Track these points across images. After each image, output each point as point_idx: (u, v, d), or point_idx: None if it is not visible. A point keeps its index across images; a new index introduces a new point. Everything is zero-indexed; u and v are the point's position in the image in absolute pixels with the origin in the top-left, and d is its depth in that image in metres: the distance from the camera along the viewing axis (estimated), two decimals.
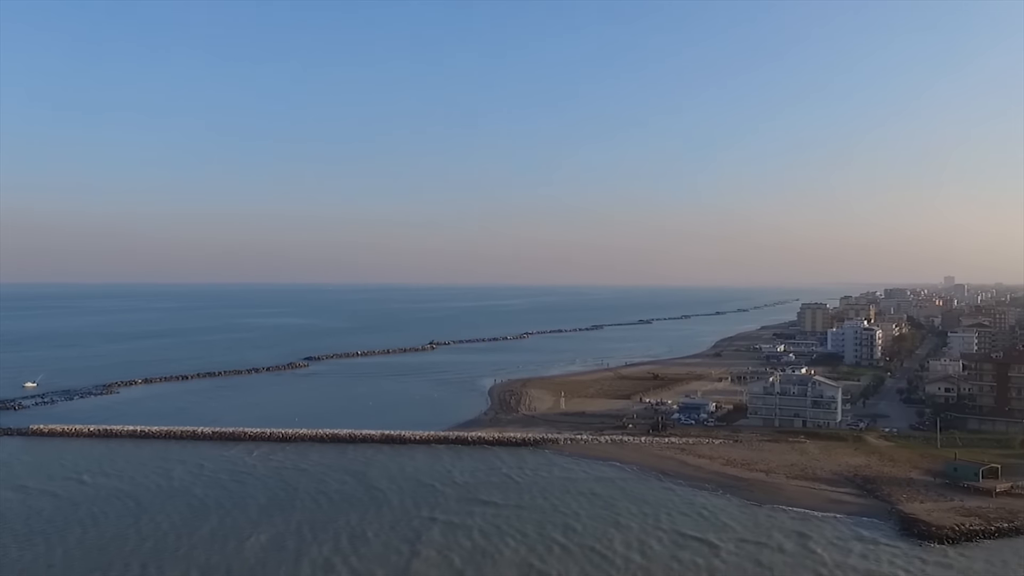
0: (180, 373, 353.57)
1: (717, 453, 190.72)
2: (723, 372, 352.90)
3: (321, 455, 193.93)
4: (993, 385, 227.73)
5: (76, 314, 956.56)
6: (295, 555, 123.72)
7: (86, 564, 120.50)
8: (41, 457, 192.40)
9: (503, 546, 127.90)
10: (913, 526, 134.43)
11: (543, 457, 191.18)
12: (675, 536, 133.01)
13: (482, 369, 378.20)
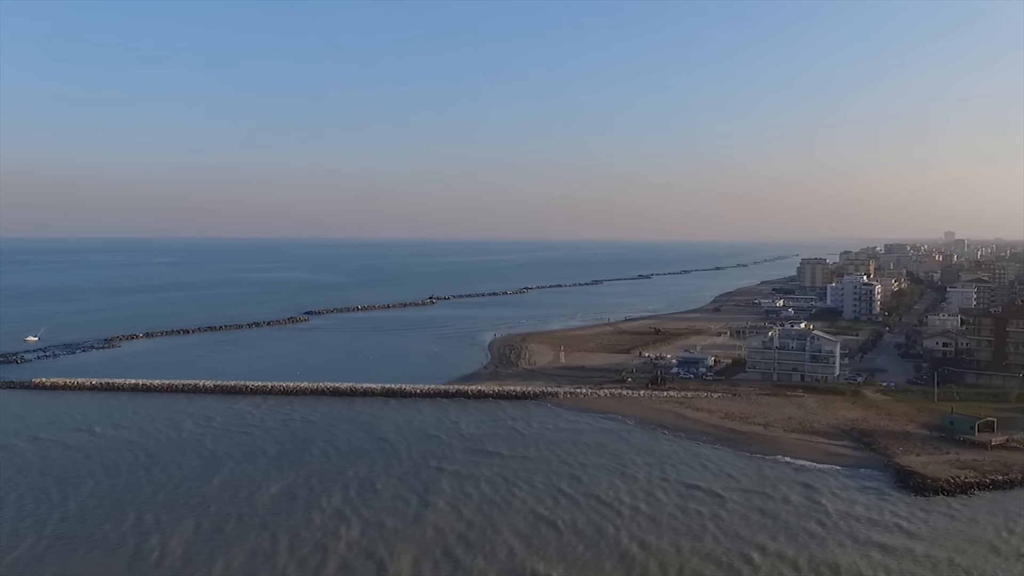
0: (181, 327, 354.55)
1: (715, 407, 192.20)
2: (722, 327, 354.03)
3: (329, 408, 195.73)
4: (991, 340, 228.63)
5: (77, 268, 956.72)
6: (306, 505, 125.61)
7: (100, 514, 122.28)
8: (53, 409, 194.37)
9: (511, 497, 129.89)
10: (908, 478, 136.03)
11: (546, 410, 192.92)
12: (680, 487, 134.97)
13: (482, 324, 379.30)
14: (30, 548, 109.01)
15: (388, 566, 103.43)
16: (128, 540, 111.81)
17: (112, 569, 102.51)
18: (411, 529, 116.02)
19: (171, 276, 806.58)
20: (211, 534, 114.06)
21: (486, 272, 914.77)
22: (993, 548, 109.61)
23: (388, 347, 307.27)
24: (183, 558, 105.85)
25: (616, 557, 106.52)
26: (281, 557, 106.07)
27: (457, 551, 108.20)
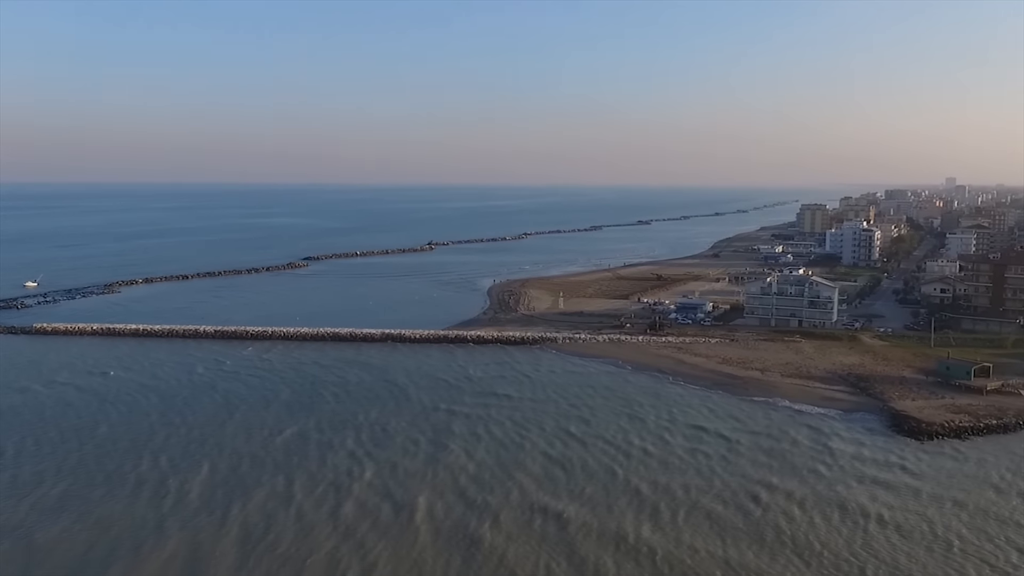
0: (181, 273, 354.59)
1: (713, 352, 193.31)
2: (721, 273, 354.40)
3: (339, 353, 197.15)
4: (989, 286, 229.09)
5: (75, 214, 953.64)
6: (321, 448, 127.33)
7: (117, 457, 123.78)
8: (64, 354, 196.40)
9: (521, 439, 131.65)
10: (904, 422, 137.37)
11: (551, 355, 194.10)
12: (687, 429, 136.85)
13: (481, 269, 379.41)
14: (49, 490, 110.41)
15: (404, 506, 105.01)
16: (147, 482, 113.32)
17: (132, 510, 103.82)
18: (425, 470, 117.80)
19: (170, 221, 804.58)
20: (228, 476, 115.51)
21: (485, 218, 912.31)
22: (994, 487, 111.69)
23: (387, 293, 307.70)
24: (201, 499, 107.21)
25: (627, 496, 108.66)
26: (298, 498, 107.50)
27: (471, 491, 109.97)
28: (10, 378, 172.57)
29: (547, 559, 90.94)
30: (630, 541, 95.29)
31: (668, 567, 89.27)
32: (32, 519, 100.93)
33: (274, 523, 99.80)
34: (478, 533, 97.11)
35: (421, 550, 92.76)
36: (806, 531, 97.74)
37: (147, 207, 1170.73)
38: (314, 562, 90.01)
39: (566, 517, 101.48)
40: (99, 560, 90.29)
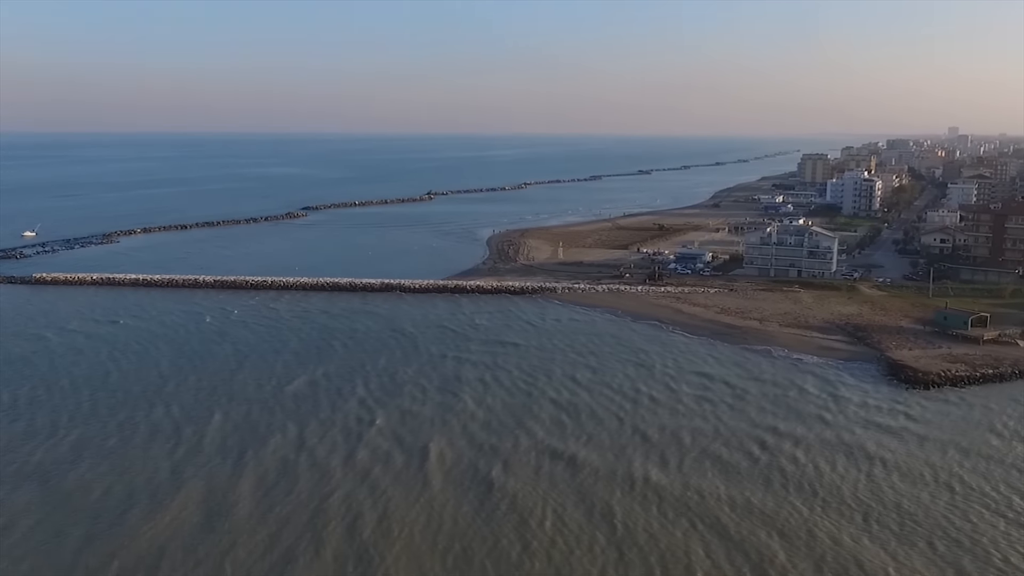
0: (179, 223, 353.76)
1: (712, 302, 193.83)
2: (721, 223, 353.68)
3: (346, 303, 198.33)
4: (989, 236, 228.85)
5: (73, 164, 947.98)
6: (334, 396, 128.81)
7: (131, 405, 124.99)
8: (73, 302, 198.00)
9: (531, 387, 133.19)
10: (900, 372, 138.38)
11: (556, 305, 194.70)
12: (689, 376, 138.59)
13: (480, 219, 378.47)
14: (64, 437, 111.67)
15: (416, 451, 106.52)
16: (161, 430, 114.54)
17: (148, 457, 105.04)
18: (435, 417, 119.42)
19: (168, 171, 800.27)
20: (241, 424, 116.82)
21: (484, 167, 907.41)
22: (994, 431, 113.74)
23: (387, 243, 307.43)
24: (216, 446, 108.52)
25: (635, 441, 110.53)
26: (311, 445, 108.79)
27: (481, 437, 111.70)
28: (21, 326, 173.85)
29: (557, 501, 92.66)
30: (638, 484, 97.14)
31: (675, 508, 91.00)
32: (49, 466, 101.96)
33: (289, 469, 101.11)
34: (489, 477, 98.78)
35: (434, 494, 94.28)
36: (810, 474, 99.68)
37: (144, 157, 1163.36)
38: (329, 506, 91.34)
39: (575, 461, 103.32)
40: (117, 506, 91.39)
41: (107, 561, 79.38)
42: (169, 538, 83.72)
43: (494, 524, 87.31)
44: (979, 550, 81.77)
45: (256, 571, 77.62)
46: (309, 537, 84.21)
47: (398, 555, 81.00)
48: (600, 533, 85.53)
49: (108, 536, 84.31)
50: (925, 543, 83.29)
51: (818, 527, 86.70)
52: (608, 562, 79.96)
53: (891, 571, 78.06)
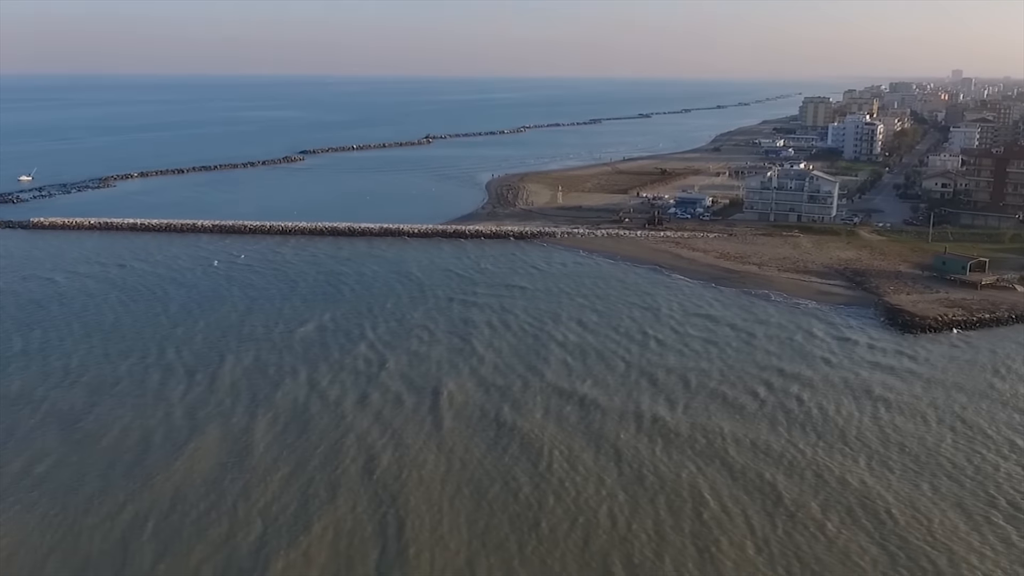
0: (176, 166, 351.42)
1: (711, 247, 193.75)
2: (721, 167, 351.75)
3: (352, 247, 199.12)
4: (990, 180, 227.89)
5: (69, 107, 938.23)
6: (346, 339, 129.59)
7: (144, 348, 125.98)
8: (81, 246, 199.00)
9: (539, 331, 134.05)
10: (897, 316, 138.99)
11: (563, 251, 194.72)
12: (692, 319, 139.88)
13: (479, 163, 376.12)
14: (78, 379, 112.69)
15: (428, 393, 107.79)
16: (176, 372, 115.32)
17: (164, 400, 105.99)
18: (446, 359, 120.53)
19: (164, 115, 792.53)
20: (254, 367, 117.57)
21: (483, 111, 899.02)
22: (994, 373, 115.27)
23: (385, 187, 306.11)
24: (231, 389, 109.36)
25: (642, 381, 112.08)
26: (325, 387, 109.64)
27: (492, 378, 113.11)
28: (30, 270, 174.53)
29: (567, 438, 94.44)
30: (646, 423, 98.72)
31: (683, 447, 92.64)
32: (64, 410, 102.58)
33: (302, 411, 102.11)
34: (500, 417, 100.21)
35: (446, 433, 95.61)
36: (815, 414, 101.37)
37: (141, 99, 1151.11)
38: (343, 446, 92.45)
39: (584, 401, 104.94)
40: (132, 449, 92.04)
41: (123, 505, 79.98)
42: (185, 481, 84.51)
43: (505, 463, 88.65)
44: (981, 491, 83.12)
45: (274, 513, 78.55)
46: (325, 478, 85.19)
47: (413, 493, 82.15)
48: (609, 470, 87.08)
49: (124, 480, 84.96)
50: (928, 481, 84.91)
51: (824, 465, 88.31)
52: (617, 498, 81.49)
53: (895, 507, 79.63)
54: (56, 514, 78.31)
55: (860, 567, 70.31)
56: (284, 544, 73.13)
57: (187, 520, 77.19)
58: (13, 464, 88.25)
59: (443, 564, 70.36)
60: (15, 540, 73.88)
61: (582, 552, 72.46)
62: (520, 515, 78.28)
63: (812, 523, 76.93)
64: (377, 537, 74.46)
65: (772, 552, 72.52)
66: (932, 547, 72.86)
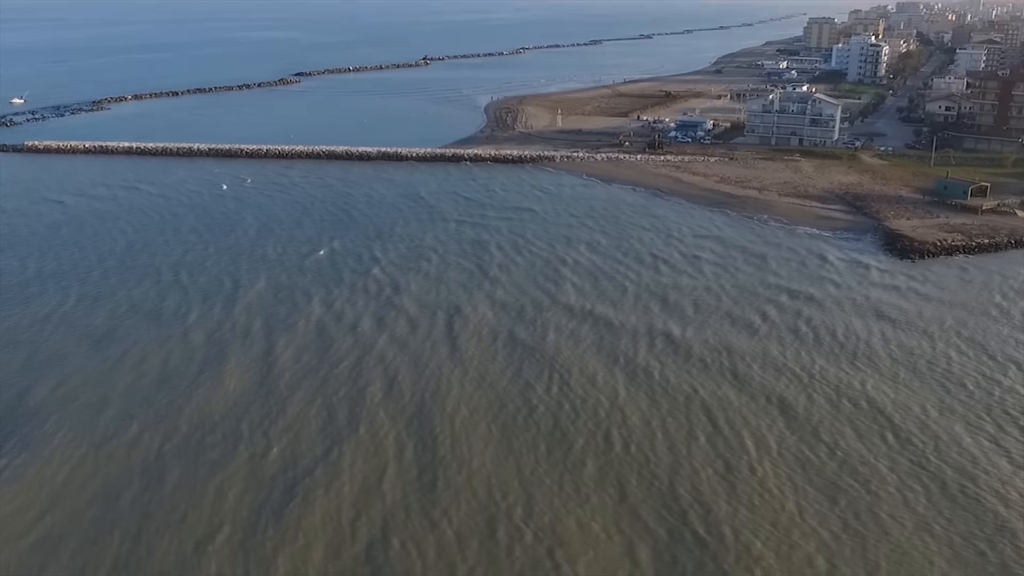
0: (170, 89, 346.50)
1: (712, 171, 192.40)
2: (723, 89, 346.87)
3: (361, 171, 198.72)
4: (995, 103, 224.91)
5: (60, 28, 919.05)
6: (363, 262, 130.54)
7: (161, 271, 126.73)
8: (88, 168, 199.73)
9: (549, 252, 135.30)
10: (896, 241, 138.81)
11: (569, 176, 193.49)
12: (700, 242, 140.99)
13: (477, 86, 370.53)
14: (92, 309, 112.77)
15: (445, 314, 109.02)
16: (194, 298, 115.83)
17: (183, 323, 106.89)
18: (462, 280, 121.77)
19: (157, 36, 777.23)
20: (275, 290, 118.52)
21: (481, 31, 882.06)
22: (998, 293, 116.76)
23: (382, 109, 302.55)
24: (253, 313, 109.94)
25: (655, 300, 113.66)
26: (343, 309, 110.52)
27: (507, 298, 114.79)
28: (42, 194, 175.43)
29: (583, 355, 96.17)
30: (659, 339, 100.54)
31: (694, 361, 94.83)
32: (87, 334, 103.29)
33: (322, 333, 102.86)
34: (516, 335, 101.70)
35: (465, 353, 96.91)
36: (822, 331, 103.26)
37: (134, 19, 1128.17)
38: (364, 367, 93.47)
39: (598, 319, 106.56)
40: (156, 372, 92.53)
41: (147, 428, 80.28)
42: (209, 404, 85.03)
43: (524, 379, 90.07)
44: (990, 401, 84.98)
45: (300, 434, 78.97)
46: (348, 400, 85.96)
47: (436, 411, 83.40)
48: (625, 385, 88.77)
49: (147, 403, 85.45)
50: (936, 392, 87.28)
51: (834, 379, 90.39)
52: (634, 410, 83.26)
53: (902, 416, 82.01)
54: (81, 436, 78.83)
55: (871, 470, 72.31)
56: (313, 467, 73.53)
57: (212, 443, 77.71)
58: (38, 388, 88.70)
59: (470, 480, 71.33)
60: (41, 462, 74.44)
61: (601, 462, 73.92)
62: (541, 429, 79.82)
63: (825, 433, 79.03)
64: (405, 456, 75.32)
65: (788, 460, 74.37)
66: (937, 454, 74.81)
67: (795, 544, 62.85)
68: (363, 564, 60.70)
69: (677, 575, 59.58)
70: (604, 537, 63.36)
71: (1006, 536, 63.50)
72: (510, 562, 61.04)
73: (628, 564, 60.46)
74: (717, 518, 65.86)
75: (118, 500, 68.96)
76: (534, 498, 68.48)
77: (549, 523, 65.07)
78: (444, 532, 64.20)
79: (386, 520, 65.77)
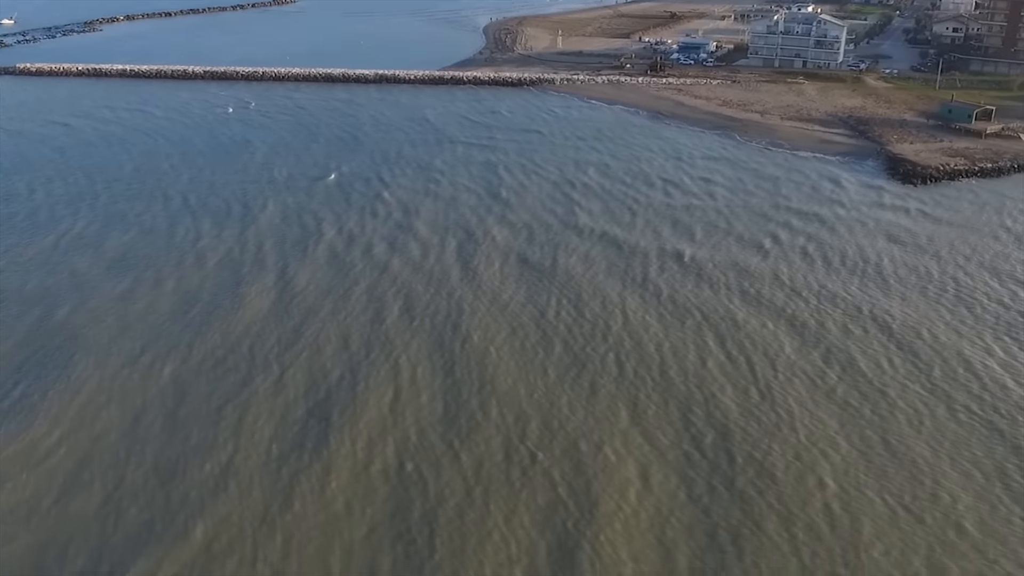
0: (163, 9, 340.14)
1: (714, 94, 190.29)
2: (727, 10, 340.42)
3: (366, 93, 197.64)
4: (1003, 25, 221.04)
5: None
6: (372, 185, 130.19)
7: (170, 193, 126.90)
8: (94, 90, 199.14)
9: (560, 175, 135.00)
10: (899, 166, 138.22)
11: (573, 99, 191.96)
12: (709, 164, 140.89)
13: (476, 6, 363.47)
14: (102, 230, 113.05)
15: (458, 237, 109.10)
16: (208, 218, 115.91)
17: (199, 244, 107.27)
18: (477, 203, 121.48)
19: None
20: (286, 212, 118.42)
21: None
22: (1004, 213, 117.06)
23: (380, 31, 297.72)
24: (263, 234, 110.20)
25: (668, 222, 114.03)
26: (357, 233, 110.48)
27: (519, 219, 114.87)
28: (47, 115, 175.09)
29: (595, 273, 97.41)
30: (670, 258, 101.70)
31: (705, 277, 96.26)
32: (109, 254, 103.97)
33: (340, 257, 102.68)
34: (530, 257, 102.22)
35: (481, 274, 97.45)
36: (828, 251, 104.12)
37: None
38: (382, 288, 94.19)
39: (611, 239, 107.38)
40: (177, 296, 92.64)
41: (171, 352, 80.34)
42: (229, 329, 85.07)
43: (537, 300, 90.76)
44: (1001, 321, 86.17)
45: (322, 359, 79.55)
46: (366, 321, 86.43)
47: (452, 330, 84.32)
48: (637, 304, 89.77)
49: (169, 326, 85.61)
50: (948, 306, 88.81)
51: (845, 294, 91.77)
52: (647, 329, 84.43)
53: (912, 328, 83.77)
54: (103, 360, 79.11)
55: (882, 389, 73.58)
56: (333, 390, 74.14)
57: (233, 367, 77.90)
58: (57, 312, 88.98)
59: (486, 403, 72.09)
60: (65, 386, 74.94)
61: (615, 383, 74.91)
62: (555, 349, 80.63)
63: (836, 341, 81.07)
64: (423, 378, 75.75)
65: (802, 379, 75.27)
66: (946, 373, 75.64)
67: (810, 463, 63.59)
68: (383, 485, 61.87)
69: (693, 495, 60.58)
70: (618, 459, 64.41)
71: (1020, 456, 64.12)
72: (527, 482, 62.26)
73: (641, 485, 61.44)
74: (731, 438, 66.68)
75: (143, 423, 69.83)
76: (550, 419, 69.59)
77: (565, 446, 66.12)
78: (461, 455, 65.26)
79: (406, 442, 66.89)
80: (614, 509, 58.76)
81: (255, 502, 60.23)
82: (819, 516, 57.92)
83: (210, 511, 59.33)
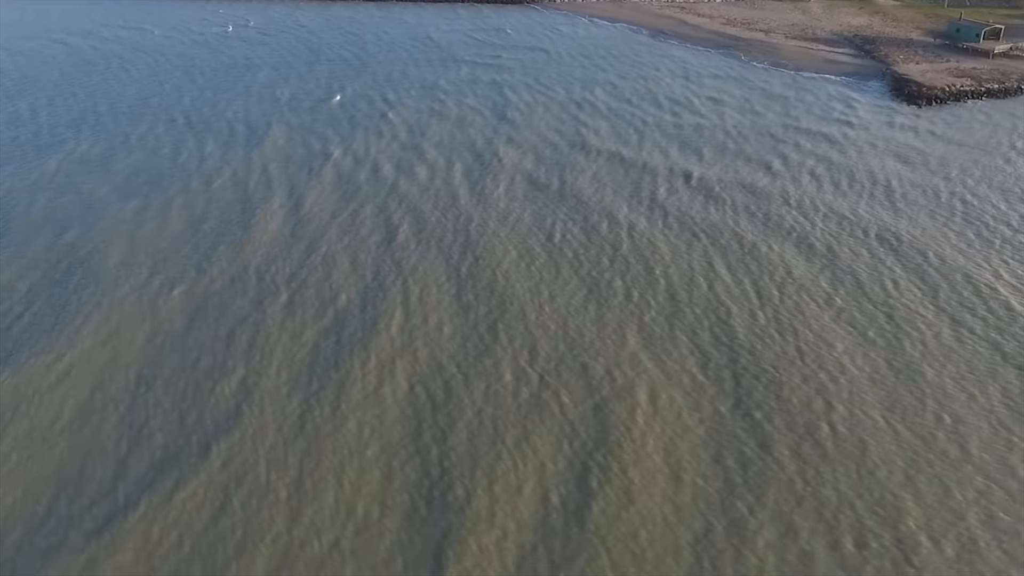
0: None
1: (717, 12, 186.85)
2: None
3: (368, 12, 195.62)
4: None
5: None
6: (381, 105, 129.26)
7: (174, 112, 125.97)
8: (88, 13, 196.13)
9: (567, 95, 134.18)
10: (904, 87, 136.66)
11: (567, 17, 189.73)
12: (710, 83, 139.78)
13: None
14: (107, 152, 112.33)
15: (468, 157, 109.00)
16: (215, 139, 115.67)
17: (208, 165, 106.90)
18: (486, 126, 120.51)
19: None
20: (293, 133, 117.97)
21: None
22: (1014, 132, 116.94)
23: None
24: (271, 155, 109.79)
25: (676, 142, 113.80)
26: (365, 155, 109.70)
27: (529, 140, 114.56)
28: (46, 34, 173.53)
29: (604, 191, 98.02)
30: (679, 176, 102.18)
31: (716, 195, 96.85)
32: (116, 180, 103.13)
33: (348, 178, 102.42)
34: (538, 176, 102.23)
35: (491, 194, 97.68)
36: (836, 170, 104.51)
37: None
38: (390, 207, 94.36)
39: (619, 158, 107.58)
40: (192, 220, 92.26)
41: (185, 280, 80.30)
42: (243, 251, 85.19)
43: (546, 219, 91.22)
44: (1011, 241, 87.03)
45: (337, 280, 79.97)
46: (379, 240, 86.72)
47: (464, 249, 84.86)
48: (648, 222, 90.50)
49: (182, 251, 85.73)
50: (958, 224, 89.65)
51: (858, 210, 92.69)
52: (658, 247, 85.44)
53: (921, 244, 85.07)
54: (118, 283, 79.40)
55: (887, 296, 75.48)
56: (351, 313, 74.54)
57: (249, 289, 78.15)
58: (66, 235, 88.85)
59: (501, 318, 73.11)
60: (81, 307, 75.53)
61: (629, 301, 75.82)
62: (566, 266, 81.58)
63: (843, 263, 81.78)
64: (440, 297, 76.46)
65: (814, 296, 76.47)
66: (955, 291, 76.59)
67: (817, 386, 64.61)
68: (394, 407, 62.70)
69: (701, 418, 61.75)
70: (626, 382, 65.41)
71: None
72: (536, 405, 63.25)
73: (649, 407, 62.67)
74: (738, 360, 67.55)
75: (155, 346, 70.36)
76: (558, 342, 70.34)
77: (573, 368, 67.05)
78: (471, 378, 66.10)
79: (415, 365, 67.52)
80: (623, 432, 59.78)
81: (268, 423, 61.37)
82: (826, 438, 59.09)
83: (224, 432, 60.50)
